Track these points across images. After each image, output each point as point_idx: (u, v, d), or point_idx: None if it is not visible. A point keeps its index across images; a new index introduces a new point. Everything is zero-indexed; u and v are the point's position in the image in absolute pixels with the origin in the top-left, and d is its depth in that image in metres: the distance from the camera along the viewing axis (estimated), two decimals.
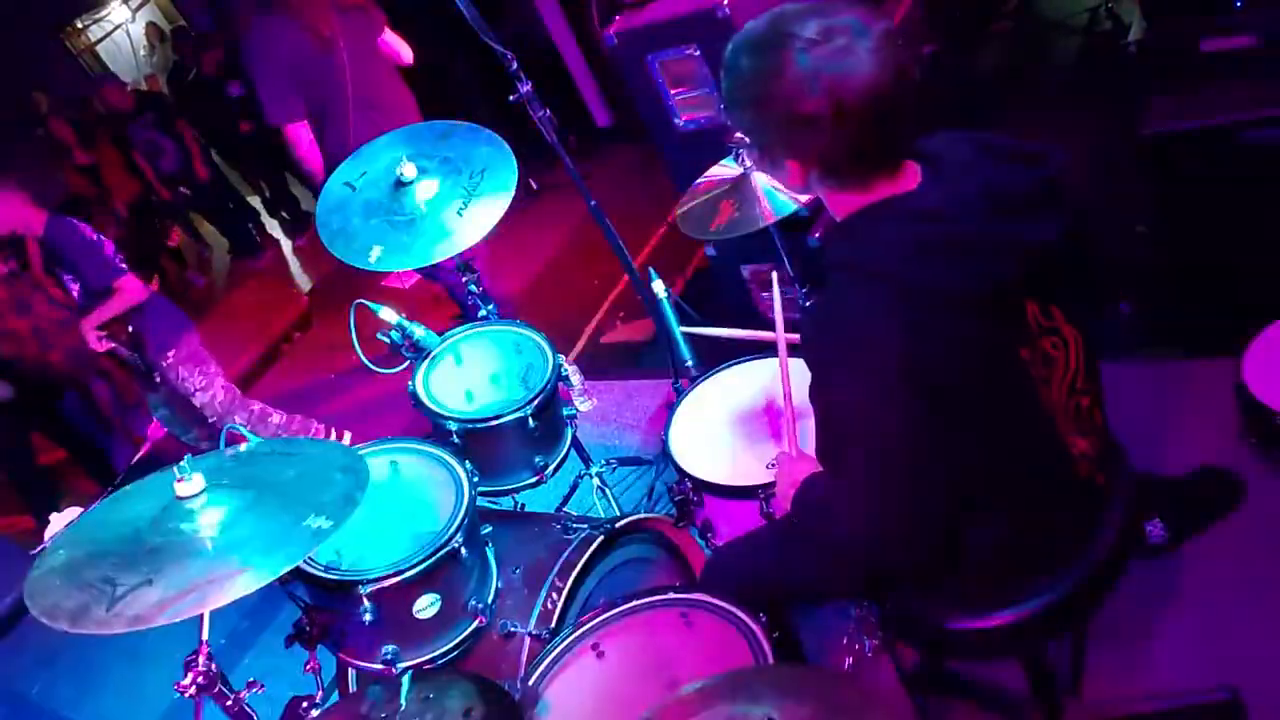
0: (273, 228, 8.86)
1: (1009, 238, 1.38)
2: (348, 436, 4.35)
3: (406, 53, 3.94)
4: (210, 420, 4.23)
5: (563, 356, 2.52)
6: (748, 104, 1.41)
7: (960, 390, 1.38)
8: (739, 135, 1.57)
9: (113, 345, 3.90)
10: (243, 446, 1.96)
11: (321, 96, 3.65)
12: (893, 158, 1.42)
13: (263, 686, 1.86)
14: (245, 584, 1.54)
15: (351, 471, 1.80)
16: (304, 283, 7.53)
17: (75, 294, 3.97)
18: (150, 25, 10.37)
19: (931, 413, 1.36)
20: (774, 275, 2.39)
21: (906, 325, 1.33)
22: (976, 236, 1.37)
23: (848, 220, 1.46)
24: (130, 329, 3.93)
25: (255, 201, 9.02)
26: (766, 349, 2.49)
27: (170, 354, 4.03)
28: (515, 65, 2.74)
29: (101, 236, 3.94)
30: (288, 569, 1.61)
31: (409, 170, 2.49)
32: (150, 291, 4.02)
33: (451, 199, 2.48)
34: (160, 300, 4.16)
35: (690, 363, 3.01)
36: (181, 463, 1.69)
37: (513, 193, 2.48)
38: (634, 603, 1.92)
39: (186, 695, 1.70)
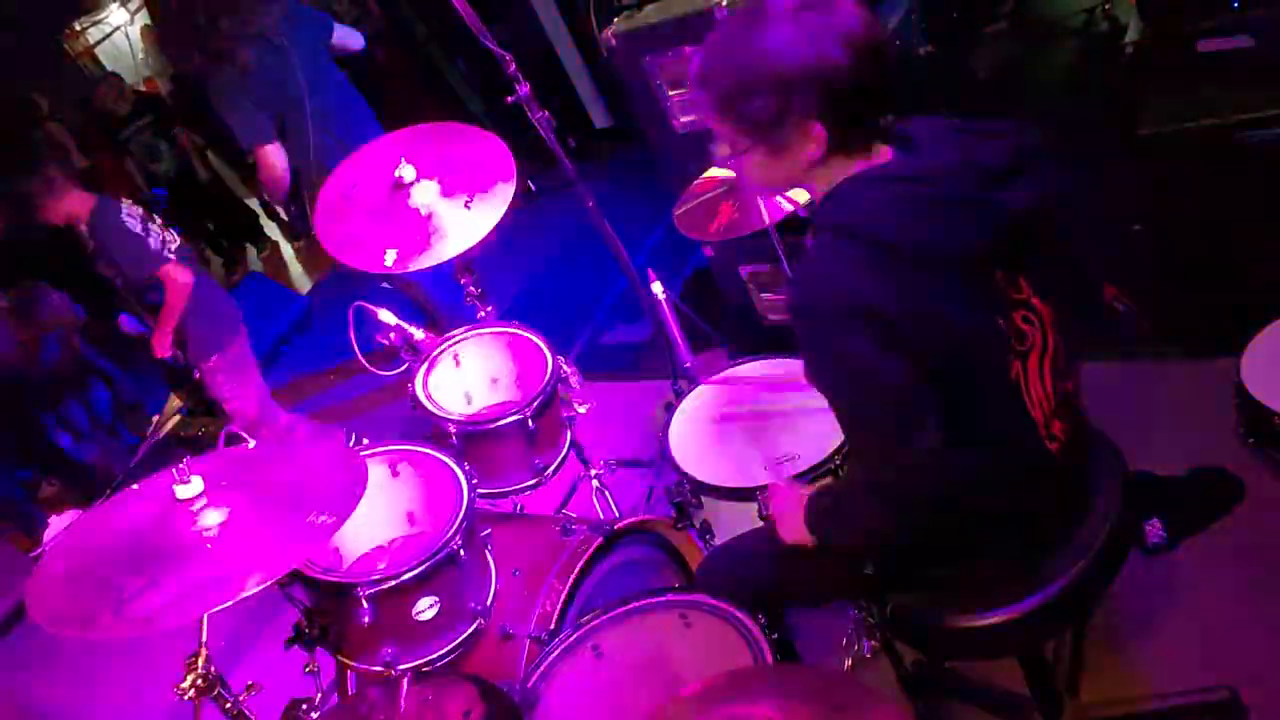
0: (271, 230, 8.87)
1: (985, 202, 1.44)
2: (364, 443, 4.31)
3: (356, 39, 3.96)
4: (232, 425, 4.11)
5: (561, 358, 2.53)
6: (760, 85, 1.42)
7: (936, 352, 1.41)
8: (725, 138, 1.54)
9: (173, 353, 3.73)
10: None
11: (280, 110, 3.66)
12: (890, 108, 1.49)
13: (262, 689, 1.86)
14: (252, 582, 1.54)
15: (350, 470, 1.81)
16: (303, 284, 7.53)
17: (118, 284, 3.80)
18: (146, 28, 10.36)
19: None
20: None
21: (888, 280, 1.39)
22: (955, 199, 1.43)
23: (832, 189, 1.50)
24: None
25: (254, 204, 9.02)
26: (761, 354, 2.50)
27: (213, 359, 3.84)
28: (513, 67, 2.75)
29: (149, 224, 3.72)
30: (293, 566, 1.61)
31: (408, 172, 2.50)
32: (196, 281, 3.73)
33: (456, 195, 2.49)
34: (210, 294, 3.91)
35: (689, 364, 3.01)
36: (180, 465, 1.69)
37: (515, 180, 2.49)
38: (633, 604, 1.92)
39: (185, 698, 1.70)
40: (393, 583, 1.94)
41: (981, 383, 1.49)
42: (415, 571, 1.95)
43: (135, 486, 1.85)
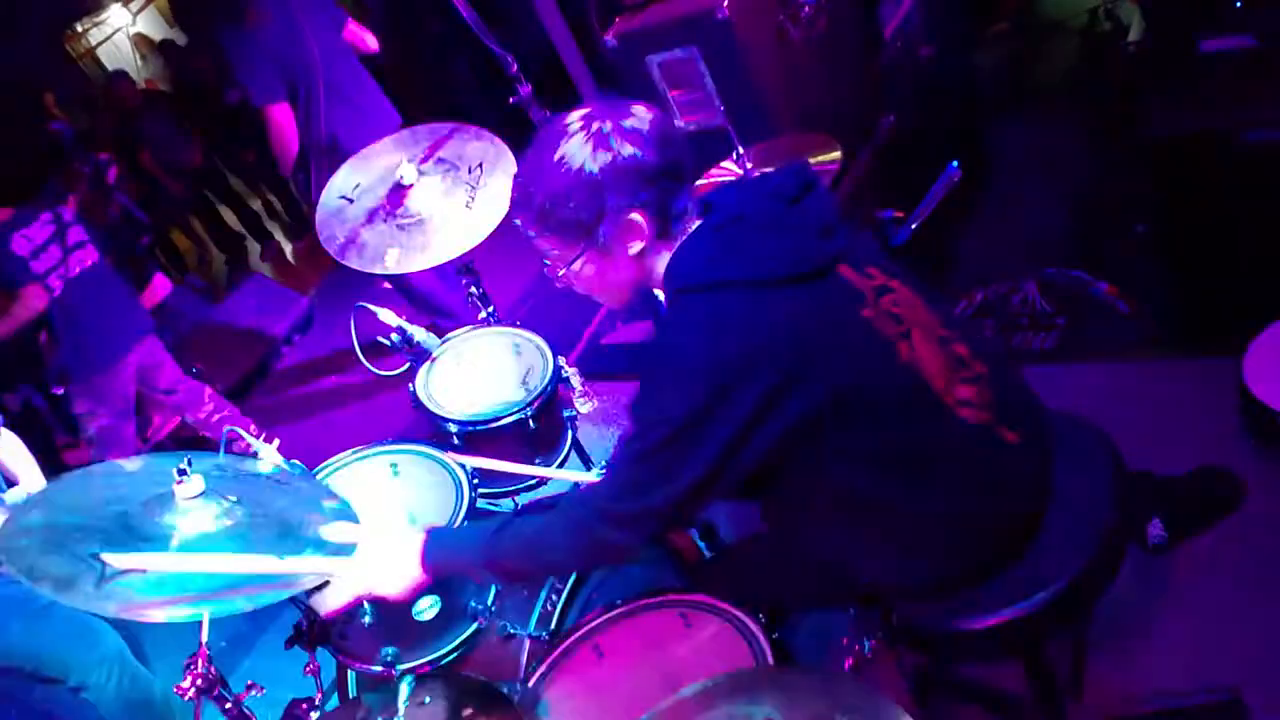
0: (274, 230, 8.87)
1: (800, 218, 1.56)
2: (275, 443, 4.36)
3: (370, 40, 4.04)
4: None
5: (562, 358, 2.53)
6: (571, 191, 1.51)
7: (819, 362, 1.45)
8: (555, 256, 1.62)
9: None
10: (244, 464, 1.96)
11: (294, 81, 3.72)
12: (691, 188, 1.60)
13: (262, 689, 1.86)
14: (235, 604, 1.57)
15: (340, 514, 1.83)
16: (304, 285, 7.54)
17: None
18: (138, 35, 10.42)
19: (785, 398, 1.44)
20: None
21: (747, 317, 1.45)
22: (765, 223, 1.53)
23: (668, 264, 1.58)
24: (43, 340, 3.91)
25: (255, 204, 9.02)
26: None
27: (72, 385, 4.00)
28: (515, 67, 2.75)
29: (52, 244, 3.87)
30: (273, 601, 1.63)
31: (409, 173, 2.50)
32: (56, 310, 3.88)
33: (457, 195, 2.49)
34: (87, 326, 4.01)
35: None
36: (183, 464, 1.69)
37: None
38: (633, 604, 1.92)
39: (185, 698, 1.69)
40: None
41: (879, 378, 1.52)
42: None
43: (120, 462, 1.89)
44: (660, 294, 1.64)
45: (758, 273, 1.47)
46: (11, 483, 2.80)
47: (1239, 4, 2.69)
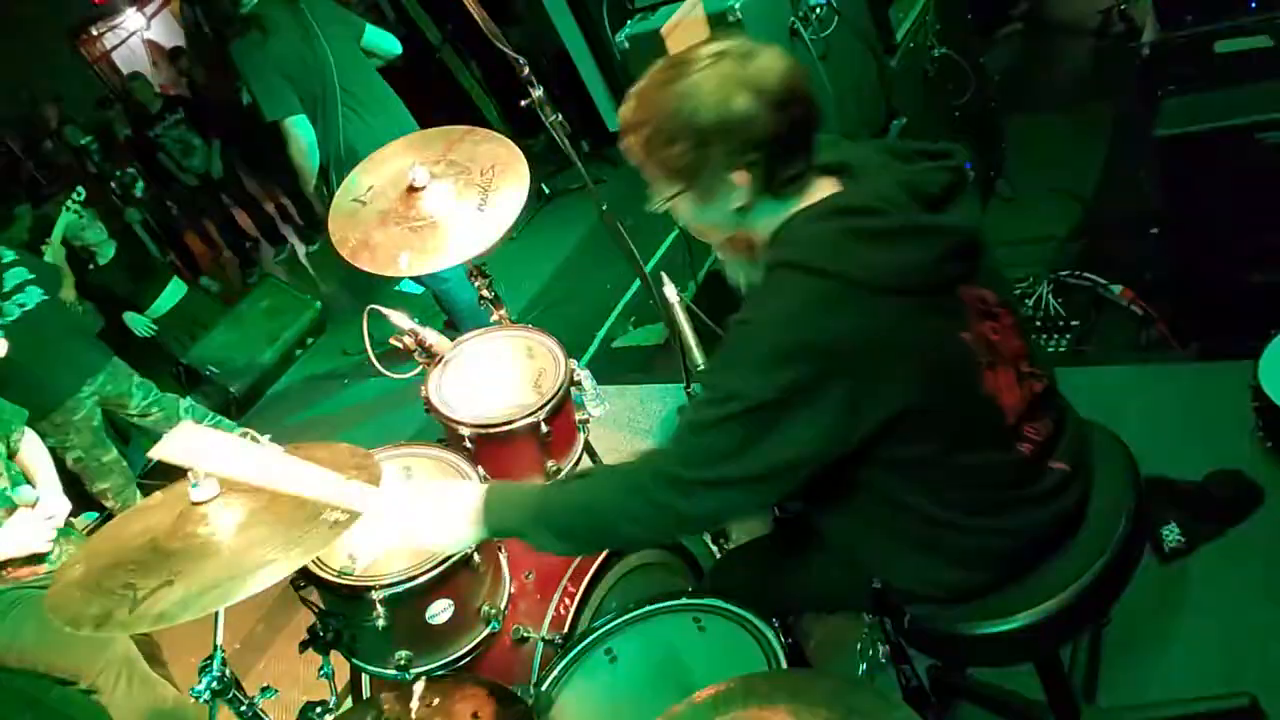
0: (287, 232, 8.91)
1: (934, 225, 1.46)
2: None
3: (391, 43, 4.00)
4: None
5: (575, 361, 2.53)
6: (678, 133, 1.45)
7: (904, 377, 1.41)
8: (656, 187, 1.55)
9: None
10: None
11: (311, 94, 3.70)
12: (813, 151, 1.50)
13: (276, 692, 1.87)
14: (266, 577, 1.54)
15: (363, 470, 1.81)
16: (318, 288, 7.57)
17: None
18: (149, 43, 10.51)
19: (861, 406, 1.40)
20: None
21: (843, 313, 1.39)
22: (904, 226, 1.44)
23: (779, 227, 1.51)
24: None
25: (269, 207, 9.06)
26: None
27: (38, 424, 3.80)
28: (527, 70, 2.75)
29: None
30: (308, 559, 1.61)
31: (421, 176, 2.50)
32: None
33: (469, 197, 2.50)
34: (27, 366, 3.82)
35: (702, 367, 3.00)
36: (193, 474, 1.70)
37: (528, 182, 2.50)
38: (647, 607, 1.92)
39: (200, 701, 1.70)
40: (407, 586, 1.94)
41: (957, 402, 1.48)
42: (429, 574, 1.95)
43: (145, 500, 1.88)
44: (759, 246, 1.57)
45: (873, 279, 1.39)
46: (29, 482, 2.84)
47: (1255, 4, 2.67)
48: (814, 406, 1.39)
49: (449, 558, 1.96)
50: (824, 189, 1.51)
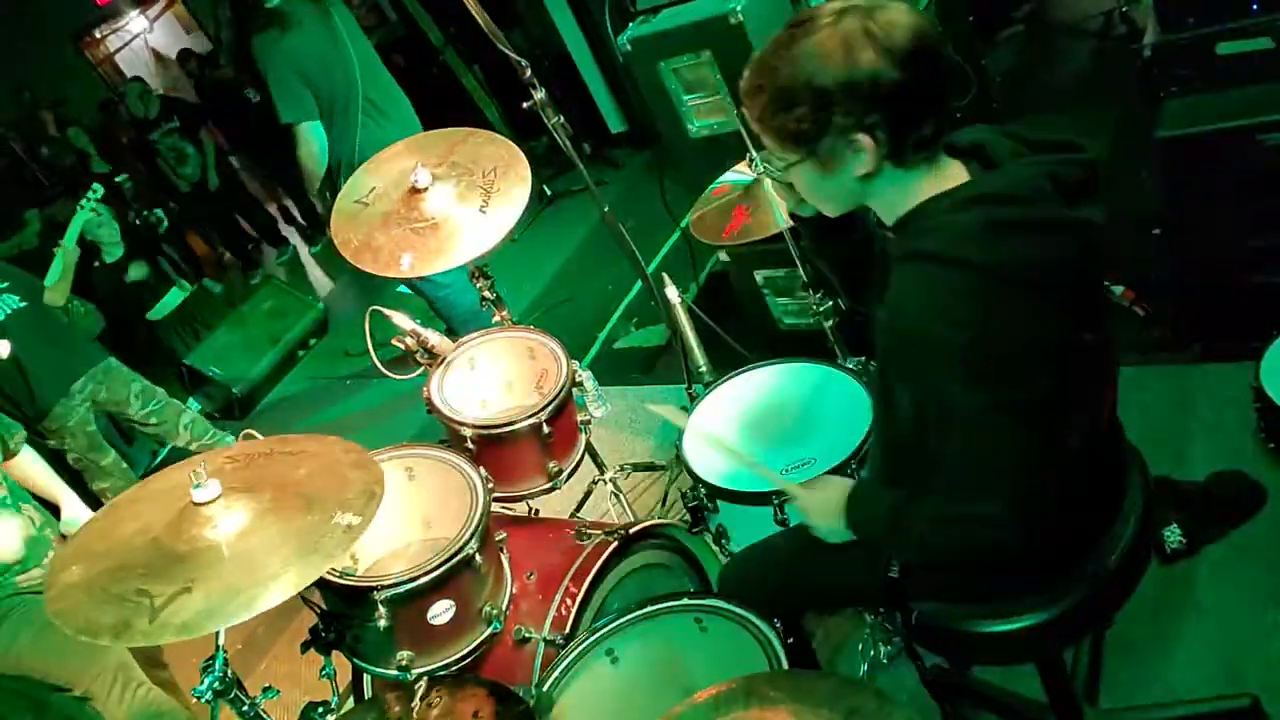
0: (289, 234, 8.92)
1: (1075, 220, 1.39)
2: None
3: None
4: None
5: (576, 362, 2.53)
6: (798, 96, 1.38)
7: (1036, 377, 1.36)
8: (782, 152, 1.47)
9: None
10: (249, 446, 1.96)
11: (331, 96, 3.69)
12: (944, 117, 1.41)
13: (278, 692, 1.87)
14: (290, 584, 1.54)
15: (363, 468, 1.81)
16: (320, 289, 7.58)
17: None
18: (152, 50, 10.56)
19: (1009, 397, 1.35)
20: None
21: (988, 309, 1.32)
22: (1050, 218, 1.37)
23: (912, 211, 1.44)
24: None
25: (272, 208, 9.08)
26: (779, 358, 2.50)
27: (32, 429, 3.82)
28: (529, 72, 2.76)
29: None
30: (327, 567, 1.61)
31: (424, 178, 2.51)
32: None
33: (470, 199, 2.50)
34: (12, 373, 3.86)
35: (704, 368, 3.01)
36: (195, 468, 1.70)
37: (530, 183, 2.50)
38: (648, 608, 1.92)
39: (202, 701, 1.71)
40: (409, 586, 1.94)
41: (1082, 406, 1.45)
42: (431, 575, 1.95)
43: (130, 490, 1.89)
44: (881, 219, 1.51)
45: (1015, 273, 1.32)
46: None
47: (1256, 6, 2.67)
48: (1016, 389, 1.35)
49: (449, 558, 1.96)
50: (957, 172, 1.45)
